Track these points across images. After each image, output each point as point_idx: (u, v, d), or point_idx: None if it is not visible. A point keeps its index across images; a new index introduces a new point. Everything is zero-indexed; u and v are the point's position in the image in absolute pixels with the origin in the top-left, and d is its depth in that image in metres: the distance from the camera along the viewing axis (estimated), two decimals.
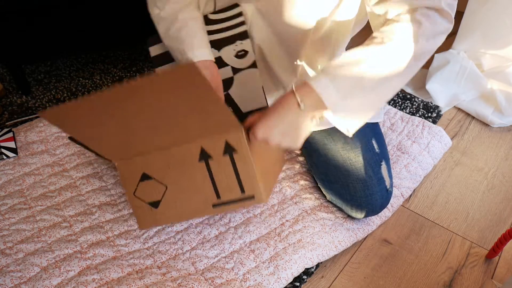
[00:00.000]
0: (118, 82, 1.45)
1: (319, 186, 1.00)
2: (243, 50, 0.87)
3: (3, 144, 1.07)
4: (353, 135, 0.75)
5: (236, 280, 0.81)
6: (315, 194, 1.01)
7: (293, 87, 0.68)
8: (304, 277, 0.86)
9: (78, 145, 1.09)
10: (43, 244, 0.85)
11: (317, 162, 0.98)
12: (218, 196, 0.76)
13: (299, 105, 0.67)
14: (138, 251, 0.86)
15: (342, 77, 0.67)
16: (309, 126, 0.70)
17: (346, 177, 0.91)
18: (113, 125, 0.68)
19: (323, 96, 0.66)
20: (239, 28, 0.86)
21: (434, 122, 1.34)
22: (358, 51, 0.68)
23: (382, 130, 1.06)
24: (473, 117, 1.40)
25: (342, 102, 0.67)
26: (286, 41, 0.86)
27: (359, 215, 0.93)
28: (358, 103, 0.69)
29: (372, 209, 0.91)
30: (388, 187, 0.92)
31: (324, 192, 0.99)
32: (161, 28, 0.83)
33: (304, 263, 0.86)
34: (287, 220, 0.94)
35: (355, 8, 0.78)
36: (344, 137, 0.91)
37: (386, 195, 0.92)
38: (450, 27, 0.69)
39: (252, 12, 0.85)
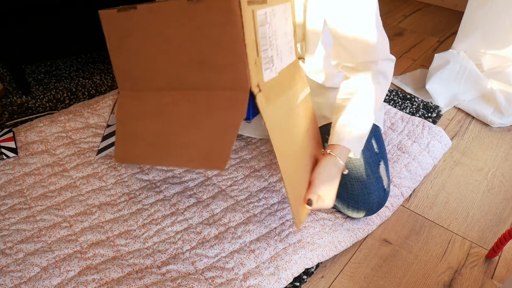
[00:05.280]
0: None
1: None
2: None
3: (3, 144, 1.07)
4: None
5: (237, 280, 0.81)
6: None
7: (327, 151, 0.81)
8: (304, 277, 0.86)
9: (78, 145, 1.10)
10: (43, 244, 0.85)
11: None
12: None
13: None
14: (138, 250, 0.86)
15: (357, 129, 0.82)
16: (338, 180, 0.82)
17: (345, 175, 0.91)
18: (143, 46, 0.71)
19: (353, 149, 0.81)
20: None
21: (434, 122, 1.34)
22: (352, 109, 0.84)
23: (382, 130, 1.06)
24: (473, 117, 1.40)
25: (361, 144, 0.84)
26: None
27: (356, 214, 0.93)
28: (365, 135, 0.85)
29: (369, 208, 0.91)
30: (385, 186, 0.93)
31: None
32: None
33: (304, 263, 0.86)
34: (287, 220, 0.94)
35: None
36: None
37: (383, 195, 0.92)
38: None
39: None
